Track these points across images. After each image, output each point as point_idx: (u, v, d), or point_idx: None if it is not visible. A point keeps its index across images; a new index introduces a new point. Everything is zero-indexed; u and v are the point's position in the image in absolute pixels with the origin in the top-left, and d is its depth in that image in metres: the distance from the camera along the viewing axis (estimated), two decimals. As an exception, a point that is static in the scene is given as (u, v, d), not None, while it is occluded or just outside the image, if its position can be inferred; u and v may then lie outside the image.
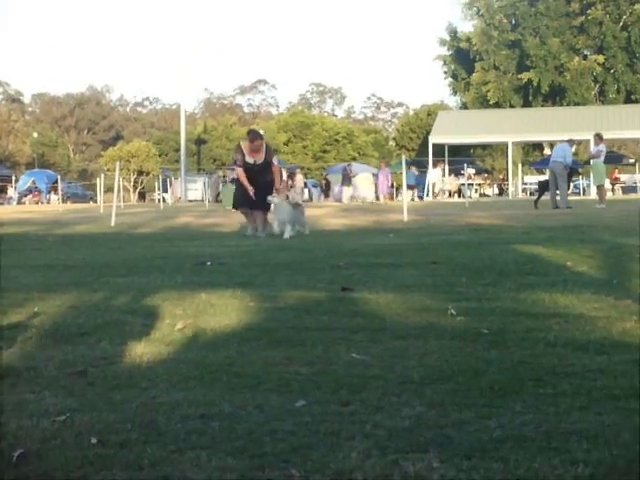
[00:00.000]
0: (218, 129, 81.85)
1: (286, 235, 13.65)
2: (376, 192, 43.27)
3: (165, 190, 52.07)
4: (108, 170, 52.22)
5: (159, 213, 30.66)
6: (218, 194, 49.17)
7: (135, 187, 59.05)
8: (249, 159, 14.64)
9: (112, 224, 20.39)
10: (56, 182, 52.87)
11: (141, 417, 3.33)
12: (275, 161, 15.00)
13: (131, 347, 4.72)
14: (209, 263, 9.58)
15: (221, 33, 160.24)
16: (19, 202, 55.04)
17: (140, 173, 58.63)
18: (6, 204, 51.72)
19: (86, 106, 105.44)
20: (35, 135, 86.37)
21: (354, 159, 71.23)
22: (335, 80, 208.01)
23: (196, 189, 57.19)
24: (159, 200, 46.39)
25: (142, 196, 61.60)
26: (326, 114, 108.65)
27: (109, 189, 46.15)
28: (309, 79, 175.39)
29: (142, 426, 3.21)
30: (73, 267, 9.49)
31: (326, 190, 54.49)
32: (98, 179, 44.60)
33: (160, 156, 64.17)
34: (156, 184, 54.17)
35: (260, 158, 14.65)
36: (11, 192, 56.78)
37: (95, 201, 50.47)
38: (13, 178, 59.17)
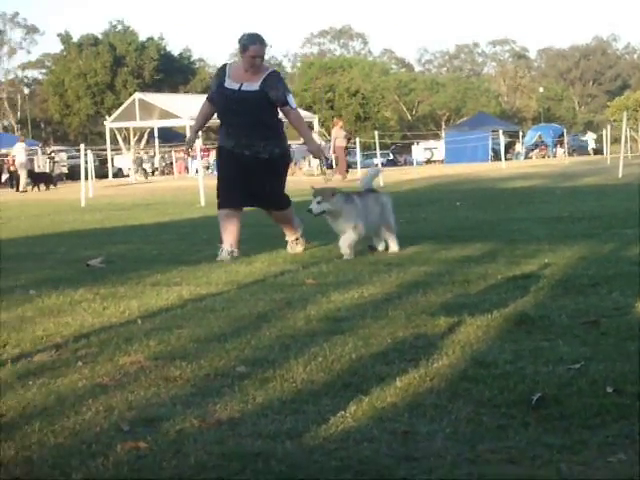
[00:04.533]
0: None
1: (346, 253, 7.11)
2: None
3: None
4: (614, 121, 51.08)
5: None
6: None
7: (643, 137, 57.04)
8: (231, 84, 7.38)
9: (619, 175, 19.98)
10: (562, 135, 53.00)
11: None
12: (292, 101, 7.50)
13: (644, 299, 4.63)
14: None
15: None
16: (526, 157, 56.10)
17: (649, 122, 56.55)
18: (514, 159, 53.04)
19: (591, 57, 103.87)
20: (541, 90, 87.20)
21: None
22: None
23: None
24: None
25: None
26: None
27: (616, 140, 45.20)
28: None
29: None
30: (581, 219, 9.49)
31: None
32: (604, 130, 43.83)
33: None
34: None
35: (253, 84, 7.32)
36: (518, 147, 58.11)
37: (601, 153, 49.69)
38: (520, 133, 60.50)
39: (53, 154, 47.82)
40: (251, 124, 7.27)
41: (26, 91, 76.50)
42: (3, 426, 2.94)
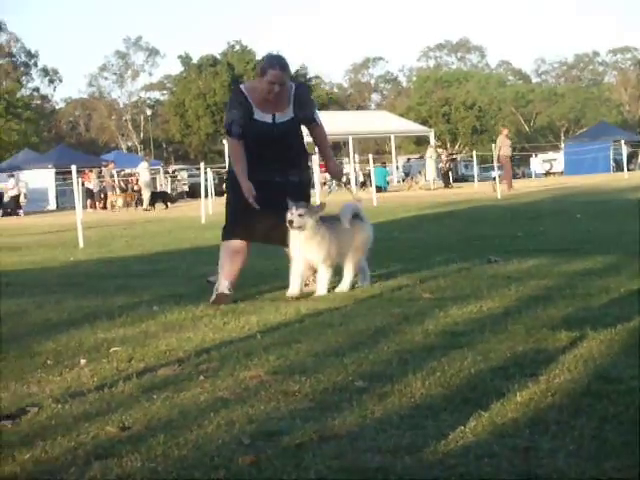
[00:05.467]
0: None
1: (321, 290, 6.42)
2: None
3: None
4: None
5: None
6: None
7: None
8: (263, 116, 6.53)
9: None
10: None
11: None
12: (318, 117, 6.77)
13: None
14: None
15: None
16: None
17: None
18: (637, 169, 51.76)
19: None
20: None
21: None
22: None
23: None
24: None
25: None
26: None
27: None
28: None
29: None
30: None
31: None
32: None
33: None
34: None
35: (285, 111, 6.59)
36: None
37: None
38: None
39: (175, 173, 49.04)
40: (284, 156, 6.59)
41: (148, 112, 78.69)
42: (130, 438, 3.03)
